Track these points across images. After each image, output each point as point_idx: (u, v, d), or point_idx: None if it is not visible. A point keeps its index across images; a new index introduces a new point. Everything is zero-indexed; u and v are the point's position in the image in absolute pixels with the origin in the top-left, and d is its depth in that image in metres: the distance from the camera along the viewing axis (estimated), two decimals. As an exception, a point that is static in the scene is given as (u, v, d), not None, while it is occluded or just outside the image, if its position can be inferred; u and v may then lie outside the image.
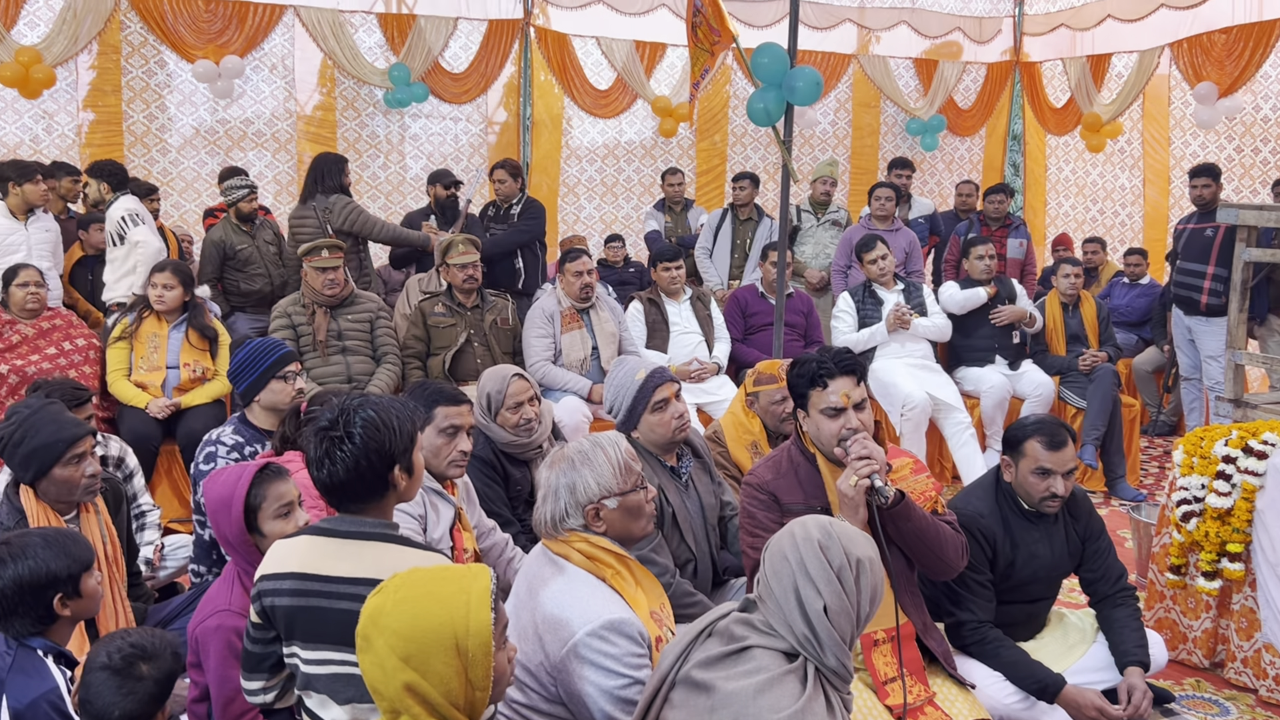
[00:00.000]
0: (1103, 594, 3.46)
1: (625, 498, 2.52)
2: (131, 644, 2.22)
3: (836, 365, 2.96)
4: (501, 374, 3.87)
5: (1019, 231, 7.85)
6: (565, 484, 2.50)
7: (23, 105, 7.84)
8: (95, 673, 2.19)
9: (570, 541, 2.48)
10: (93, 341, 5.19)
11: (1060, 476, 3.29)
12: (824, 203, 7.74)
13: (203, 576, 3.77)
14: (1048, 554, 3.39)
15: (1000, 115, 10.99)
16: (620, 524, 2.52)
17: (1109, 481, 6.16)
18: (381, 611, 1.74)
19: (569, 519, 2.50)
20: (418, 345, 5.58)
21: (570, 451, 2.54)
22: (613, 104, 9.56)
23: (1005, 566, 3.35)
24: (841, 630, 2.09)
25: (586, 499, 2.48)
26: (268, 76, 8.64)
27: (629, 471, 2.54)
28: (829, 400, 2.95)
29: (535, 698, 2.38)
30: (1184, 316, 6.65)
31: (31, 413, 3.21)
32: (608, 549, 2.48)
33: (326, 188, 6.32)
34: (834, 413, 2.95)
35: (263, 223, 6.63)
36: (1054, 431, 3.32)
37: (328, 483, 2.19)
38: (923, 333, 6.23)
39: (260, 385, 3.92)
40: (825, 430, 2.96)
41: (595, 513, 2.49)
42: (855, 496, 2.81)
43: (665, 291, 6.25)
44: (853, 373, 2.97)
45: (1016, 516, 3.38)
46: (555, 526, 2.51)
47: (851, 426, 2.92)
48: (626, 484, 2.53)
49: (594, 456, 2.51)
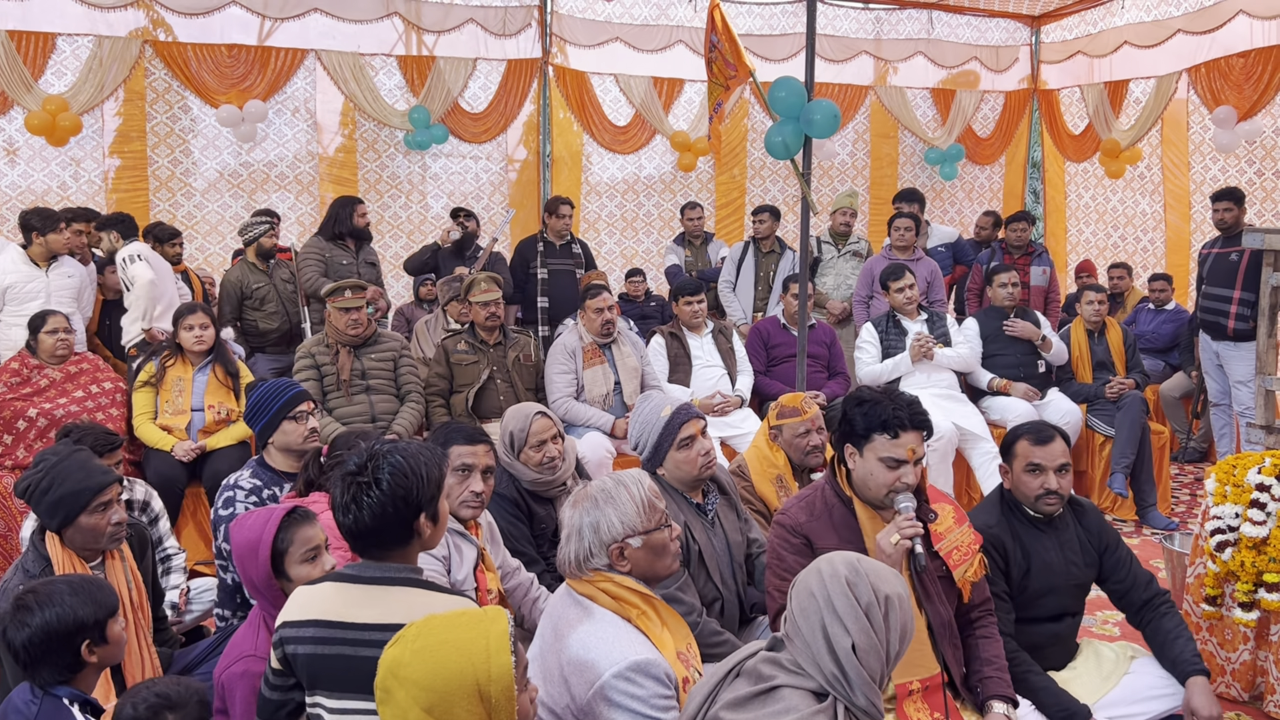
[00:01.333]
0: (1138, 603, 3.41)
1: (650, 536, 2.49)
2: (157, 694, 2.22)
3: (910, 419, 2.90)
4: (524, 412, 3.86)
5: (1042, 259, 7.81)
6: (589, 523, 2.48)
7: (50, 153, 7.97)
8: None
9: (595, 582, 2.46)
10: (119, 385, 5.23)
11: (1053, 472, 3.30)
12: (844, 234, 7.74)
13: (228, 621, 3.76)
14: (1060, 561, 3.37)
15: (1019, 143, 10.99)
16: (645, 563, 2.50)
17: (1140, 510, 6.08)
18: (400, 663, 1.72)
19: (594, 559, 2.47)
20: (441, 383, 5.59)
21: (593, 490, 2.52)
22: (631, 140, 9.62)
23: (1020, 577, 3.34)
24: (870, 669, 2.06)
25: (611, 538, 2.46)
26: (290, 120, 8.76)
27: (653, 509, 2.51)
28: (895, 451, 2.89)
29: (562, 741, 2.36)
30: (1211, 342, 6.59)
31: (59, 460, 3.22)
32: (633, 589, 2.45)
33: (337, 232, 6.59)
34: (895, 464, 2.89)
35: (279, 263, 6.72)
36: (1041, 428, 3.37)
37: (353, 528, 2.18)
38: (947, 363, 6.19)
39: (273, 426, 3.92)
40: (880, 479, 2.91)
41: (620, 552, 2.47)
42: (895, 555, 2.77)
43: (687, 325, 6.24)
44: (924, 428, 2.94)
45: (1024, 525, 3.39)
46: (580, 566, 2.48)
47: (908, 481, 2.89)
48: (651, 522, 2.50)
49: (617, 495, 2.49)
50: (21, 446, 4.91)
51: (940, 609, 2.94)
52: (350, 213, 6.63)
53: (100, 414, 5.04)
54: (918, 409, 2.96)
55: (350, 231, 6.62)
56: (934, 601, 2.92)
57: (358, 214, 6.65)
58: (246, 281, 6.54)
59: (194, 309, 5.25)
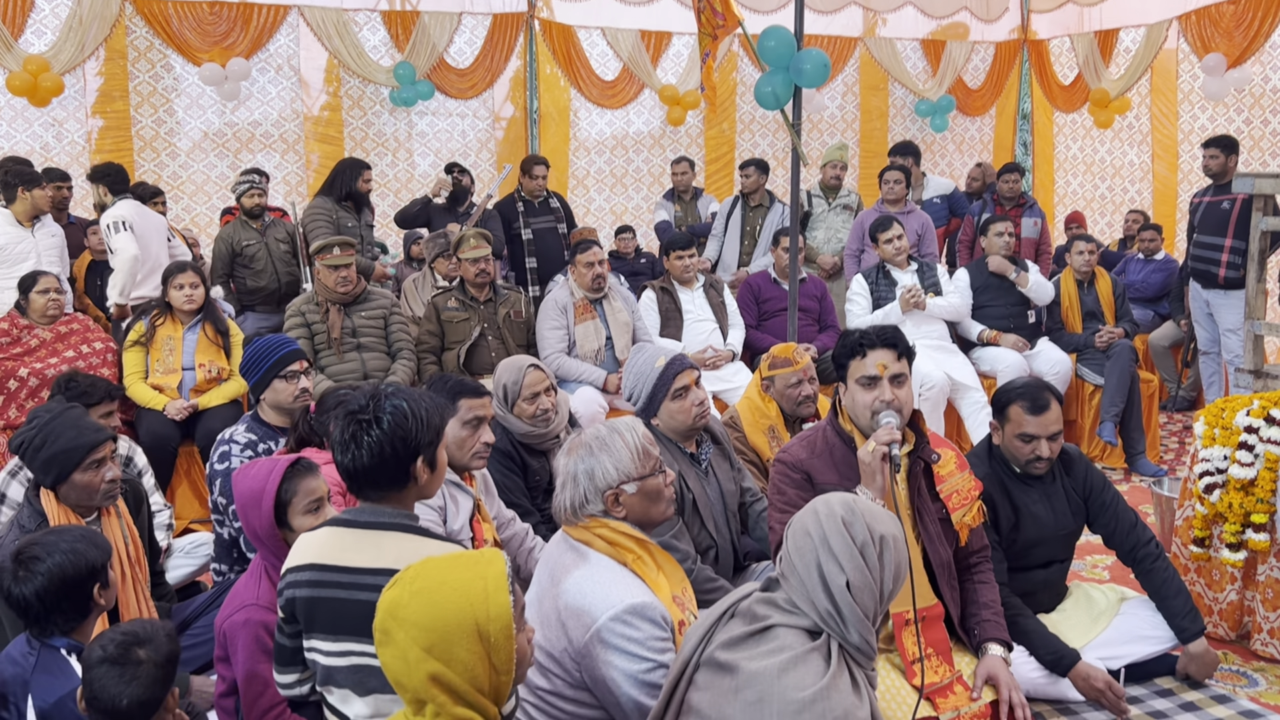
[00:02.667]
0: (1127, 545, 3.50)
1: (644, 482, 2.51)
2: (124, 633, 2.23)
3: (877, 336, 2.99)
4: (517, 365, 3.87)
5: (1033, 210, 7.80)
6: (584, 470, 2.49)
7: (32, 114, 7.88)
8: (95, 668, 2.19)
9: (591, 528, 2.48)
10: (110, 345, 5.22)
11: (1045, 440, 3.35)
12: (834, 187, 7.71)
13: (225, 575, 3.79)
14: (1048, 513, 3.44)
15: (1010, 94, 10.92)
16: (640, 508, 2.52)
17: (1129, 458, 6.12)
18: (399, 604, 1.74)
19: (589, 505, 2.49)
20: (432, 340, 5.59)
21: (588, 438, 2.54)
22: (619, 94, 9.54)
23: (1009, 530, 3.39)
24: (864, 606, 2.08)
25: (605, 484, 2.48)
26: (274, 78, 8.66)
27: (647, 456, 2.53)
28: (866, 369, 2.97)
29: (559, 684, 2.38)
30: (1202, 290, 6.60)
31: (52, 418, 3.22)
32: (628, 534, 2.47)
33: (335, 193, 6.54)
34: (869, 382, 2.96)
35: (274, 222, 6.68)
36: (1036, 395, 3.38)
37: (351, 467, 2.19)
38: (938, 312, 6.20)
39: (265, 384, 3.92)
40: (860, 400, 2.97)
41: (615, 498, 2.49)
42: (872, 463, 2.83)
43: (678, 280, 6.23)
44: (893, 346, 2.99)
45: (1012, 479, 3.43)
46: (575, 513, 2.50)
47: (886, 399, 2.93)
48: (645, 468, 2.52)
49: (611, 442, 2.51)
50: (13, 406, 4.90)
51: (940, 549, 2.98)
52: (355, 176, 6.59)
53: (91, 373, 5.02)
54: (886, 329, 3.03)
55: (352, 194, 6.59)
56: (934, 541, 2.96)
57: (363, 179, 6.62)
58: (237, 239, 6.55)
59: (184, 268, 5.23)
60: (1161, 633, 3.49)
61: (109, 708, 2.18)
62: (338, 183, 6.59)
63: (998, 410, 3.45)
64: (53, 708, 2.38)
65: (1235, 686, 3.51)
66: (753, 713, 2.01)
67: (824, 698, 2.00)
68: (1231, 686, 3.50)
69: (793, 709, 1.98)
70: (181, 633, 3.46)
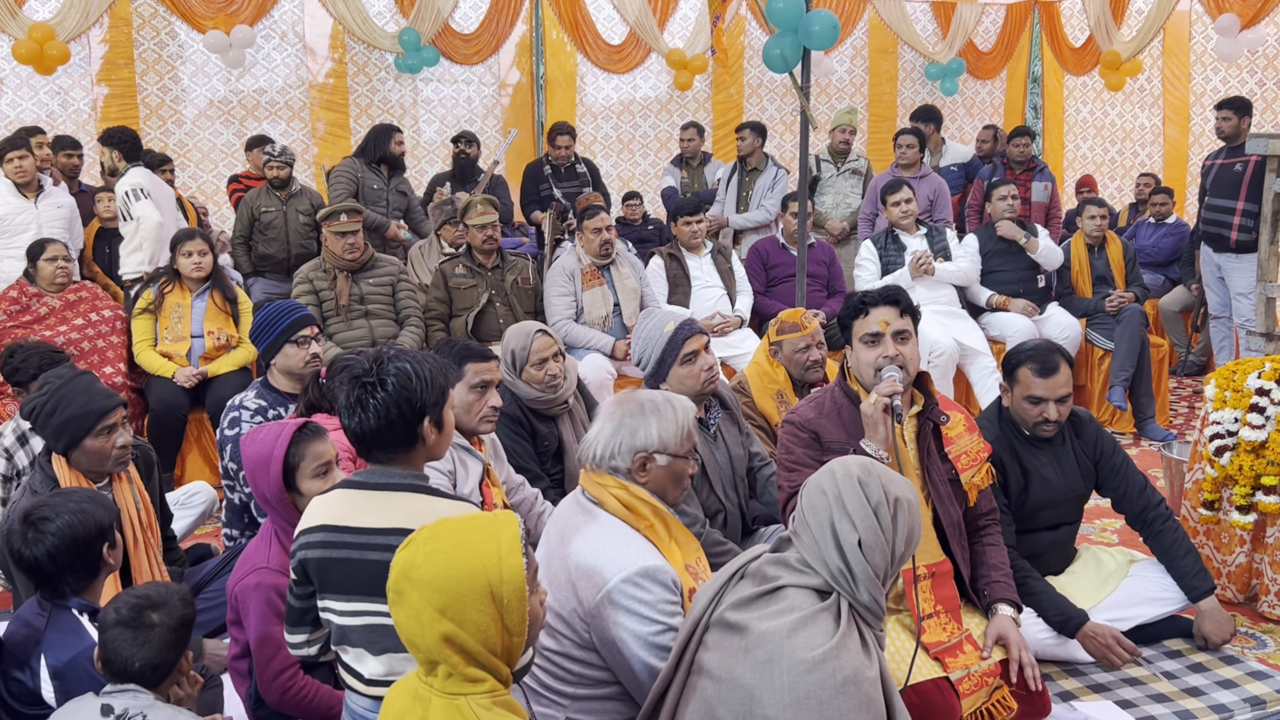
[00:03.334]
0: (1136, 509, 3.51)
1: (675, 461, 2.53)
2: (138, 596, 2.25)
3: (880, 294, 3.00)
4: (525, 330, 3.86)
5: (1043, 175, 7.74)
6: (628, 425, 2.50)
7: (38, 82, 7.86)
8: (109, 631, 2.22)
9: (608, 485, 2.49)
10: (118, 313, 5.23)
11: (1053, 403, 3.35)
12: (843, 152, 7.66)
13: (235, 540, 3.81)
14: (1058, 476, 3.44)
15: (1020, 57, 10.82)
16: (661, 483, 2.53)
17: (1138, 422, 6.11)
18: (413, 564, 1.74)
19: (616, 459, 2.50)
20: (440, 307, 5.58)
21: (642, 397, 2.56)
22: (626, 59, 9.47)
23: (1018, 492, 3.40)
24: (875, 565, 2.09)
25: (642, 446, 2.49)
26: (279, 45, 8.62)
27: (688, 438, 2.56)
28: (868, 326, 2.97)
29: (568, 644, 2.40)
30: (1213, 254, 6.56)
31: (63, 384, 3.23)
32: (646, 500, 2.48)
33: (368, 156, 6.66)
34: (872, 339, 2.97)
35: (302, 191, 6.71)
36: (1045, 358, 3.37)
37: (358, 430, 2.19)
38: (947, 278, 6.17)
39: (275, 348, 3.93)
40: (863, 358, 2.98)
41: (644, 463, 2.50)
42: (874, 414, 2.84)
43: (686, 246, 6.21)
44: (895, 303, 2.99)
45: (1022, 442, 3.44)
46: (599, 462, 2.52)
47: (888, 354, 2.93)
48: (681, 448, 2.54)
49: (664, 410, 2.53)
50: (23, 374, 4.92)
51: (950, 509, 2.99)
52: (388, 139, 6.66)
53: (101, 341, 5.04)
54: (889, 288, 3.04)
55: (385, 158, 6.65)
56: (943, 501, 2.97)
57: (395, 141, 6.68)
58: (258, 205, 6.67)
59: (192, 235, 5.22)
60: (1170, 594, 3.49)
61: (122, 670, 2.21)
62: (370, 147, 6.68)
63: (1007, 372, 3.45)
64: (66, 666, 2.41)
65: (1243, 648, 3.52)
66: (762, 672, 2.02)
67: (833, 657, 2.00)
68: (1240, 648, 3.51)
69: (802, 668, 1.99)
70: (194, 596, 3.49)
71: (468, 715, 1.70)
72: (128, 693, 2.21)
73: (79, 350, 5.00)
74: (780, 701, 1.99)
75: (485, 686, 1.73)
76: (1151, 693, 3.24)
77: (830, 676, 1.99)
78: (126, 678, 2.21)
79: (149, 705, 2.20)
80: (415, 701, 1.76)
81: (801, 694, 1.98)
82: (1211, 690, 3.25)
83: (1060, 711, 3.08)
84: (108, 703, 2.19)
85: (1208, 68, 8.94)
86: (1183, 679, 3.32)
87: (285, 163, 6.63)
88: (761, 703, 2.00)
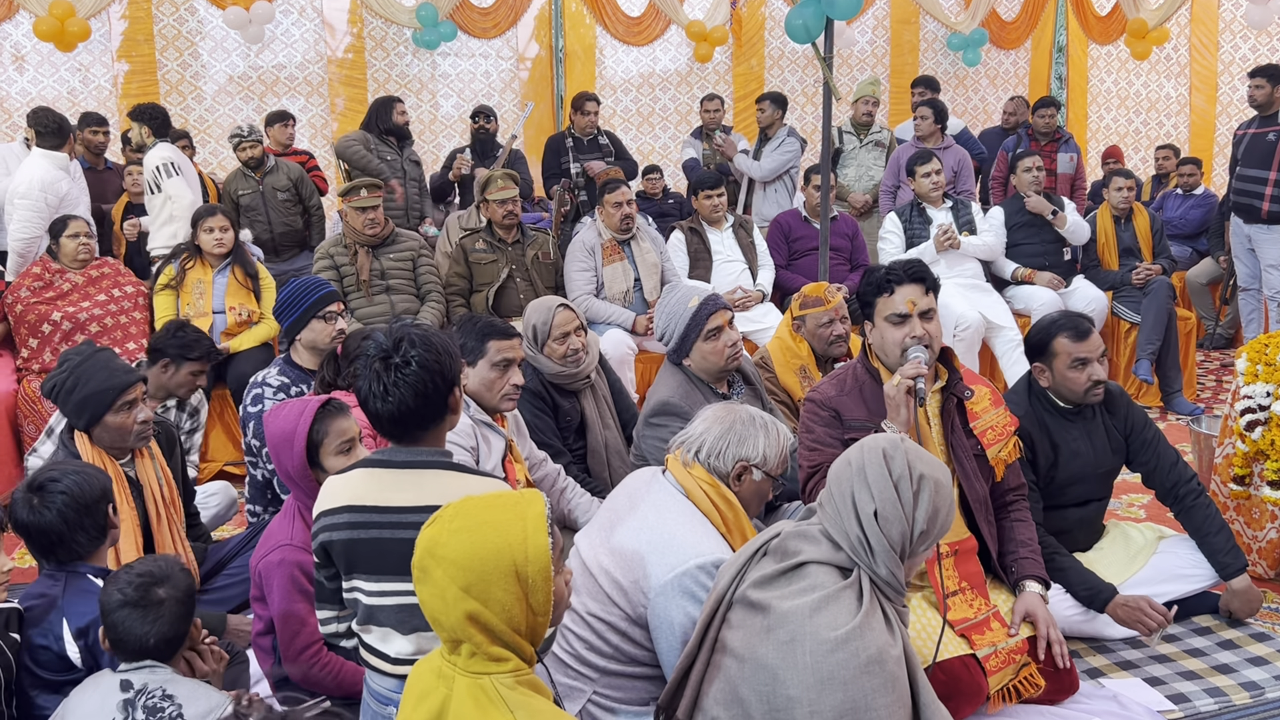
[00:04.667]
0: (1167, 483, 3.46)
1: (765, 480, 2.57)
2: (139, 574, 2.25)
3: (905, 272, 2.95)
4: (547, 305, 3.84)
5: (1068, 146, 7.64)
6: (739, 432, 2.54)
7: (59, 58, 7.86)
8: (115, 612, 2.22)
9: (702, 480, 2.50)
10: (141, 289, 5.25)
11: (1096, 362, 3.30)
12: (866, 124, 7.57)
13: (259, 516, 3.82)
14: (1088, 451, 3.40)
15: (1045, 26, 10.63)
16: (748, 495, 2.57)
17: (1165, 396, 6.05)
18: (438, 542, 1.73)
19: (719, 460, 2.52)
20: (460, 282, 5.57)
21: (755, 413, 2.60)
22: (646, 31, 9.38)
23: (1048, 468, 3.36)
24: (891, 537, 2.07)
25: (747, 456, 2.52)
26: (297, 20, 8.59)
27: (784, 463, 2.60)
28: (895, 306, 2.93)
29: (617, 615, 2.39)
30: (1243, 225, 6.46)
31: (83, 360, 3.24)
32: (733, 503, 2.51)
33: (374, 129, 6.64)
34: (899, 319, 2.93)
35: (277, 166, 6.64)
36: (1076, 323, 3.35)
37: (395, 412, 2.15)
38: (972, 251, 6.09)
39: (301, 324, 3.94)
40: (889, 338, 2.94)
41: (741, 472, 2.52)
42: (896, 396, 2.82)
43: (707, 220, 6.16)
44: (921, 281, 2.95)
45: (1053, 416, 3.39)
46: (696, 455, 2.53)
47: (916, 335, 2.89)
48: (776, 470, 2.58)
49: (771, 430, 2.58)
50: (47, 350, 4.95)
51: (976, 485, 2.96)
52: (390, 110, 6.66)
53: (124, 317, 5.06)
54: (913, 264, 2.98)
55: (390, 129, 6.64)
56: (969, 477, 2.94)
57: (396, 111, 6.67)
58: (234, 188, 6.58)
59: (213, 211, 5.23)
60: (1200, 571, 3.45)
61: (137, 648, 2.21)
62: (374, 120, 6.67)
63: (1039, 351, 3.37)
64: (88, 625, 2.44)
65: (1274, 624, 3.48)
66: (785, 652, 2.01)
67: (857, 636, 1.99)
68: (1270, 624, 3.47)
69: (825, 648, 1.98)
70: (218, 573, 3.52)
71: (491, 694, 1.69)
72: (144, 669, 2.22)
73: (101, 326, 5.02)
74: (804, 682, 1.98)
75: (509, 665, 1.72)
76: (1181, 670, 3.21)
77: (854, 656, 1.97)
78: (141, 655, 2.22)
79: (168, 679, 2.22)
80: (439, 680, 1.75)
81: (825, 674, 1.97)
82: (1242, 667, 3.22)
83: (1088, 688, 3.05)
84: (126, 678, 2.20)
85: (1237, 35, 8.79)
86: (1212, 656, 3.29)
87: (256, 141, 6.58)
88: (785, 683, 1.99)
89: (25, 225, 5.30)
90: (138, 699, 2.16)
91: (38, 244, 5.40)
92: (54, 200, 5.37)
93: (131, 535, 3.15)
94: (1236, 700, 3.05)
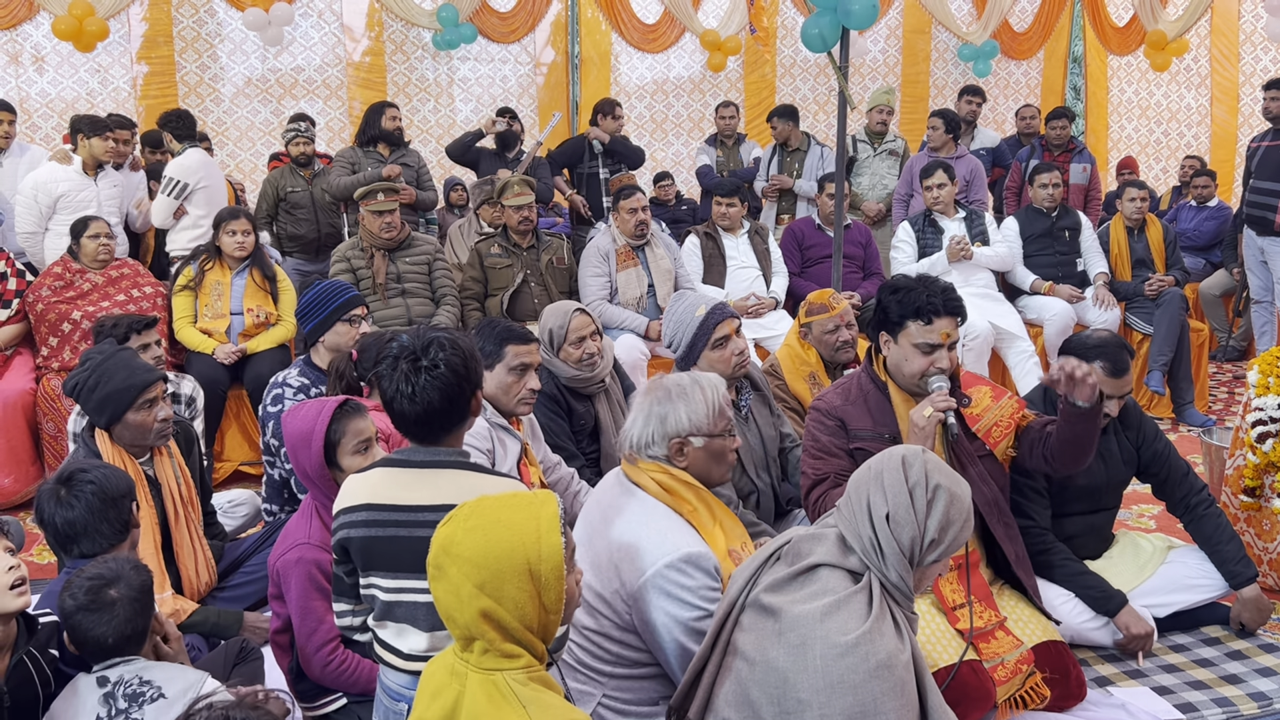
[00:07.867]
0: (1178, 494, 3.48)
1: (711, 440, 2.52)
2: (89, 577, 2.28)
3: (944, 303, 2.92)
4: (563, 309, 3.87)
5: (1082, 156, 7.64)
6: (658, 413, 2.51)
7: (78, 59, 7.92)
8: (72, 617, 2.26)
9: (648, 470, 2.50)
10: (159, 290, 5.29)
11: (1115, 400, 3.29)
12: (880, 132, 7.60)
13: (276, 515, 3.86)
14: (1100, 461, 3.41)
15: (1060, 37, 10.65)
16: (701, 465, 2.53)
17: (1177, 408, 6.04)
18: (453, 540, 1.76)
19: (653, 446, 2.51)
20: (475, 287, 5.61)
21: (669, 383, 2.55)
22: (661, 38, 9.43)
23: (1061, 477, 3.35)
24: (901, 542, 2.09)
25: (675, 431, 2.49)
26: (316, 23, 8.64)
27: (721, 416, 2.54)
28: (929, 337, 2.91)
29: (608, 624, 2.41)
30: (1257, 237, 6.46)
31: (104, 359, 3.28)
32: (688, 483, 2.49)
33: (369, 137, 6.61)
34: (930, 349, 2.92)
35: (324, 170, 6.71)
36: (1117, 357, 3.31)
37: (422, 413, 2.18)
38: (985, 262, 6.11)
39: (326, 326, 3.98)
40: (914, 363, 2.94)
41: (680, 448, 2.50)
42: (927, 427, 2.81)
43: (723, 226, 6.19)
44: (957, 313, 2.94)
45: None
46: (638, 450, 2.53)
47: (941, 366, 2.90)
48: (716, 427, 2.53)
49: (691, 393, 2.52)
50: (67, 348, 5.00)
51: (984, 489, 2.96)
52: (379, 117, 6.61)
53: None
54: (951, 294, 2.97)
55: (381, 136, 6.60)
56: (976, 484, 2.94)
57: (386, 117, 6.61)
58: (284, 185, 6.62)
59: (236, 214, 5.27)
60: (1209, 581, 3.46)
61: (97, 648, 2.26)
62: (363, 129, 6.68)
63: None
64: None
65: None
66: (796, 655, 2.03)
67: (867, 641, 2.01)
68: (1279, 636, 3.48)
69: (836, 652, 2.00)
70: (235, 570, 3.55)
71: (504, 690, 1.72)
72: (117, 665, 2.26)
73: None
74: (813, 685, 2.00)
75: (521, 662, 1.75)
76: (1189, 679, 3.22)
77: (864, 660, 1.99)
78: (105, 654, 2.26)
79: (142, 667, 2.26)
80: (452, 677, 1.78)
81: (835, 678, 1.99)
82: (1250, 678, 3.22)
83: (1096, 697, 3.07)
84: (103, 675, 2.25)
85: (1257, 47, 8.77)
86: (1221, 666, 3.30)
87: (310, 139, 6.64)
88: (795, 686, 2.01)
89: (19, 222, 5.54)
90: (116, 689, 2.21)
91: (35, 242, 5.53)
92: (45, 200, 5.49)
93: (150, 534, 3.19)
94: (1244, 711, 3.06)
